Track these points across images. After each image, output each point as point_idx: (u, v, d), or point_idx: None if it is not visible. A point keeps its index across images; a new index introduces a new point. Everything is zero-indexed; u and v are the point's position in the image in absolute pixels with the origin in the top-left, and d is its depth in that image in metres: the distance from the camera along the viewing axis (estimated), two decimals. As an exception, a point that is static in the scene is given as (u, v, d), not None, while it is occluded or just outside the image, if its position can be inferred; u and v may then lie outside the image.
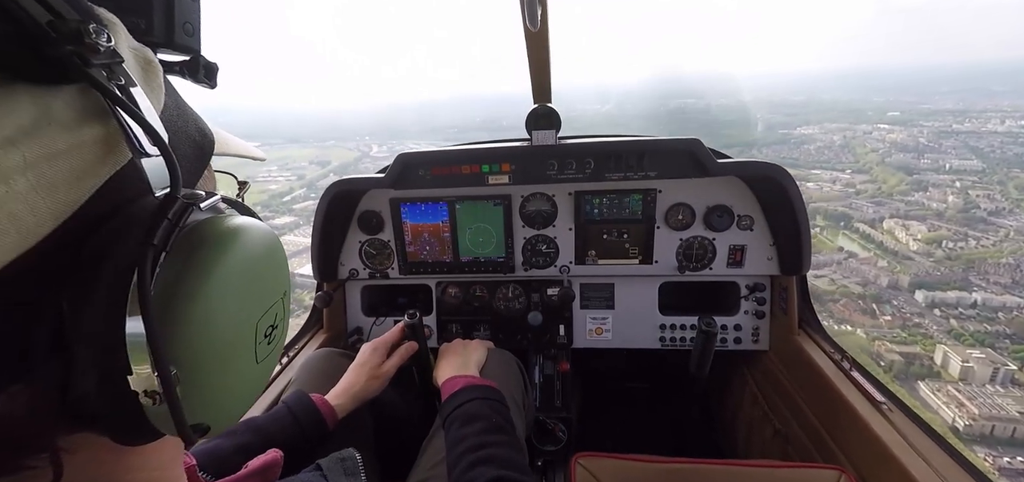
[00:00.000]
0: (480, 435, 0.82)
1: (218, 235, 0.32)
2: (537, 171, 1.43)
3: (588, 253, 1.55)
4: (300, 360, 1.29)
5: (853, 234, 27.55)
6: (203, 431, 0.32)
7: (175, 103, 0.37)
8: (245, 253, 0.33)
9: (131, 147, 0.29)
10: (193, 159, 0.38)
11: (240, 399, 0.36)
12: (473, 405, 0.91)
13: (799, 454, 1.30)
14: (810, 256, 1.38)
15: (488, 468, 0.73)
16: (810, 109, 66.31)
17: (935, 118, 50.13)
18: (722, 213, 1.44)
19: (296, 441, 0.89)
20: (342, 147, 56.17)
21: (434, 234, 1.56)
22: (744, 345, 1.57)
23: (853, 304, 19.51)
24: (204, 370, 0.31)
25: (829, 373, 1.24)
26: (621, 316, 1.63)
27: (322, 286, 1.64)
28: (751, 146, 49.92)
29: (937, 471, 0.89)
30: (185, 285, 0.29)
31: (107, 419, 0.30)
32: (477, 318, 1.69)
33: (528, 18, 0.90)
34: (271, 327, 0.38)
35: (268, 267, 0.36)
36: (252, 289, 0.35)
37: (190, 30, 0.41)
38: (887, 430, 1.01)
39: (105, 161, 0.28)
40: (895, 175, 35.36)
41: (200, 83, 0.43)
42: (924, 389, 14.77)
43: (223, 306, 0.32)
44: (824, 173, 38.52)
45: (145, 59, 0.34)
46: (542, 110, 1.34)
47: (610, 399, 2.03)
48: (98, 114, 0.28)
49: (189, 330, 0.30)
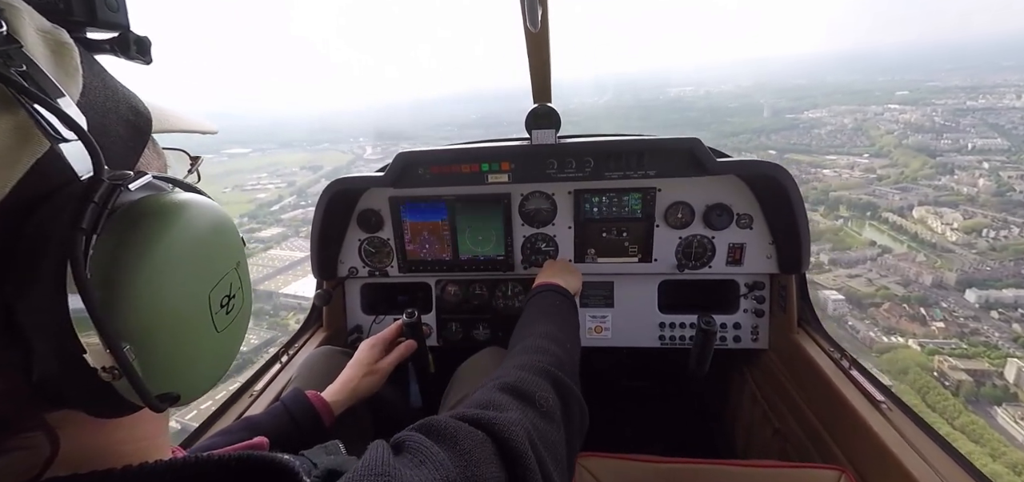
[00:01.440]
0: (547, 327, 0.89)
1: (152, 212, 0.32)
2: (537, 170, 1.43)
3: (587, 251, 1.55)
4: (300, 358, 1.30)
5: (881, 225, 25.09)
6: (173, 399, 0.34)
7: (102, 83, 0.37)
8: (184, 227, 0.34)
9: (46, 134, 0.29)
10: (128, 139, 0.38)
11: (206, 368, 0.37)
12: (554, 301, 1.02)
13: (798, 453, 1.30)
14: (809, 255, 1.37)
15: (542, 357, 0.77)
16: (814, 92, 64.09)
17: (946, 95, 47.79)
18: (721, 212, 1.44)
19: (292, 438, 0.90)
20: (336, 150, 54.46)
21: (433, 232, 1.57)
22: (743, 344, 1.56)
23: (898, 309, 16.96)
24: (157, 342, 0.32)
25: (829, 372, 1.23)
26: (620, 315, 1.63)
27: (322, 284, 1.62)
28: (760, 132, 47.74)
29: (937, 470, 0.89)
30: (122, 263, 0.30)
31: (76, 396, 0.31)
32: (477, 316, 1.68)
33: (528, 19, 0.91)
34: (227, 297, 0.38)
35: (213, 239, 0.37)
36: (197, 261, 0.35)
37: (114, 5, 0.40)
38: (887, 429, 1.01)
39: (21, 151, 0.28)
40: (917, 158, 32.76)
41: (133, 60, 0.42)
42: (1002, 415, 12.10)
43: (166, 279, 0.32)
44: (840, 158, 36.27)
45: (56, 41, 0.33)
46: (542, 109, 1.35)
47: (610, 398, 2.02)
48: (3, 105, 0.28)
49: (134, 305, 0.30)
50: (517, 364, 0.72)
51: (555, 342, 0.83)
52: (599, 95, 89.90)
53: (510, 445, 0.50)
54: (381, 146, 54.18)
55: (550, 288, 1.09)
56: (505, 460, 0.49)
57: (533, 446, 0.53)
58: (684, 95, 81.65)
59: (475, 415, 0.52)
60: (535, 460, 0.51)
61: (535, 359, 0.74)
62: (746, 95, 74.50)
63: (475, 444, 0.48)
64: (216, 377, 0.39)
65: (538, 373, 0.69)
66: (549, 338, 0.83)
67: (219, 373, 0.39)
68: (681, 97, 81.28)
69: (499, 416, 0.53)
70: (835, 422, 1.17)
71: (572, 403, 0.70)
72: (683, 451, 1.06)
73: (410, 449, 0.45)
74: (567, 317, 1.00)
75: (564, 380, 0.71)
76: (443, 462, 0.44)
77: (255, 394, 1.22)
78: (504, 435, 0.50)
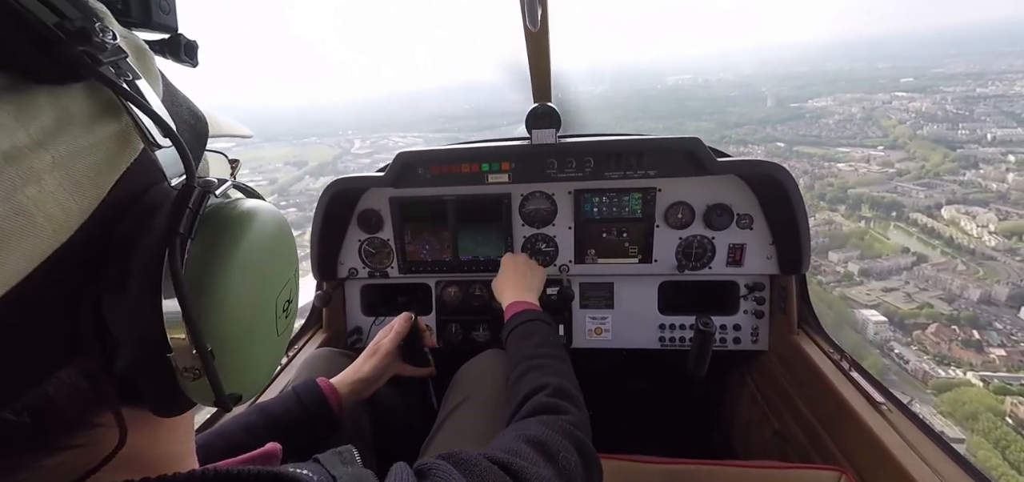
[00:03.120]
0: (535, 348, 0.92)
1: (237, 219, 0.34)
2: (537, 170, 1.42)
3: (587, 252, 1.54)
4: (300, 359, 1.28)
5: (909, 227, 23.02)
6: (237, 399, 0.35)
7: (167, 87, 0.38)
8: (261, 233, 0.36)
9: (144, 140, 0.31)
10: (192, 143, 0.39)
11: (265, 368, 0.40)
12: (531, 325, 1.03)
13: (798, 454, 1.30)
14: (809, 255, 1.36)
15: (539, 374, 0.80)
16: (817, 80, 62.02)
17: (954, 82, 45.85)
18: (721, 212, 1.43)
19: (300, 423, 0.90)
20: (323, 144, 52.21)
21: (434, 233, 1.55)
22: (743, 345, 1.55)
23: (946, 331, 14.65)
24: (234, 344, 0.34)
25: (828, 373, 1.23)
26: (621, 316, 1.62)
27: (321, 285, 1.62)
28: (764, 123, 45.65)
29: (937, 471, 0.89)
30: (211, 267, 0.32)
31: (151, 395, 0.32)
32: (477, 317, 1.67)
33: (528, 18, 0.91)
34: (288, 301, 0.41)
35: (281, 245, 0.39)
36: (269, 266, 0.37)
37: (167, 7, 0.41)
38: (887, 430, 1.00)
39: (121, 155, 0.30)
40: (936, 150, 30.66)
41: (182, 62, 0.43)
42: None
43: (246, 284, 0.34)
44: (854, 151, 34.07)
45: (137, 47, 0.34)
46: (542, 109, 1.34)
47: (610, 399, 2.02)
48: (111, 110, 0.29)
49: (219, 309, 0.32)
50: (541, 421, 0.71)
51: (566, 398, 0.80)
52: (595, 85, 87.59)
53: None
54: (371, 139, 51.79)
55: (525, 317, 1.07)
56: None
57: None
58: (682, 84, 79.38)
59: (506, 460, 0.52)
60: None
61: (557, 422, 0.72)
62: (746, 84, 72.11)
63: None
64: (269, 377, 0.40)
65: (562, 434, 0.68)
66: (559, 394, 0.80)
67: (271, 373, 0.41)
68: (679, 86, 79.06)
69: (529, 468, 0.53)
70: (835, 423, 1.16)
71: (593, 470, 0.70)
72: (683, 452, 1.06)
73: (433, 475, 0.45)
74: (556, 348, 0.96)
75: (587, 444, 0.70)
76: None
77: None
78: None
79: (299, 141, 56.42)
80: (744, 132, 43.38)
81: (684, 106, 63.35)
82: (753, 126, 44.93)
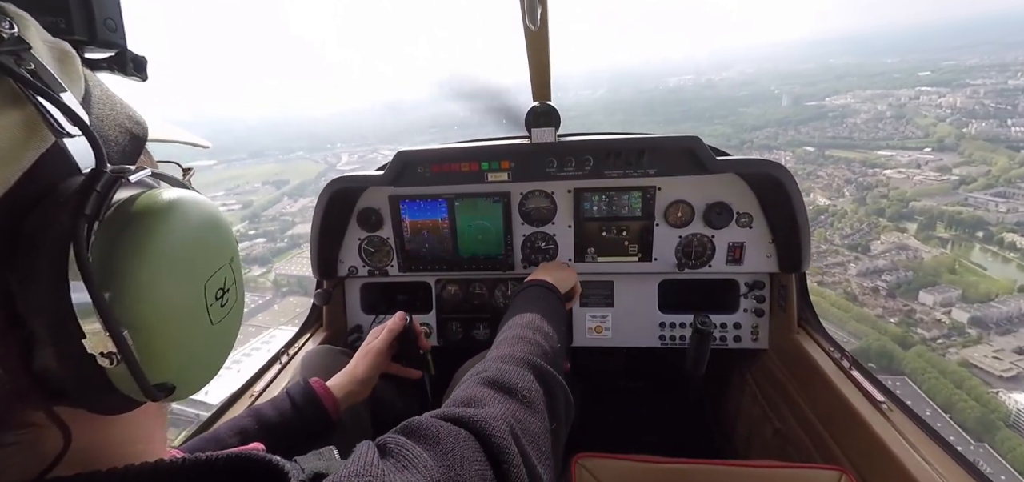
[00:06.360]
0: (528, 317, 0.88)
1: (152, 205, 0.33)
2: (536, 168, 1.43)
3: (587, 250, 1.54)
4: (300, 358, 1.28)
5: (1007, 252, 18.23)
6: (169, 390, 0.34)
7: (102, 92, 0.39)
8: (180, 219, 0.35)
9: (52, 129, 0.30)
10: (126, 145, 0.39)
11: (203, 359, 0.38)
12: (536, 292, 1.03)
13: (799, 453, 1.29)
14: (809, 253, 1.36)
15: (523, 347, 0.77)
16: (826, 76, 58.87)
17: (977, 75, 42.85)
18: (721, 210, 1.43)
19: (294, 428, 0.90)
20: (309, 159, 48.34)
21: (433, 231, 1.56)
22: (743, 344, 1.56)
23: None
24: (154, 330, 0.33)
25: (829, 372, 1.23)
26: (621, 314, 1.62)
27: (322, 283, 1.62)
28: (784, 124, 42.09)
29: (937, 471, 0.89)
30: (121, 251, 0.31)
31: (74, 387, 0.32)
32: (477, 316, 1.68)
33: (528, 17, 0.92)
34: (221, 290, 0.39)
35: (208, 233, 0.38)
36: (192, 252, 0.36)
37: (112, 26, 0.42)
38: (887, 429, 1.00)
39: (28, 144, 0.29)
40: (996, 151, 26.86)
41: (130, 77, 0.44)
42: None
43: (164, 269, 0.33)
44: (899, 155, 30.16)
45: (61, 50, 0.35)
46: (542, 108, 1.34)
47: (610, 398, 2.02)
48: (12, 100, 0.29)
49: (132, 293, 0.31)
50: (498, 356, 0.72)
51: (537, 331, 0.82)
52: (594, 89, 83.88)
53: (492, 441, 0.50)
54: (358, 153, 47.68)
55: (534, 283, 1.09)
56: (489, 455, 0.50)
57: (516, 439, 0.53)
58: (684, 85, 75.95)
59: (456, 413, 0.53)
60: (518, 454, 0.51)
61: (516, 350, 0.74)
62: (752, 82, 68.73)
63: (458, 443, 0.49)
64: (211, 371, 0.40)
65: (519, 364, 0.69)
66: (530, 328, 0.83)
67: (214, 367, 0.40)
68: (682, 87, 75.67)
69: (479, 412, 0.54)
70: (835, 422, 1.17)
71: (556, 392, 0.70)
72: (683, 451, 1.06)
73: (394, 452, 0.45)
74: (550, 307, 0.98)
75: (546, 369, 0.70)
76: (427, 464, 0.44)
77: (255, 394, 1.22)
78: (486, 431, 0.51)
79: (285, 156, 52.75)
80: (765, 135, 39.74)
81: (692, 109, 59.72)
82: (773, 128, 41.33)
